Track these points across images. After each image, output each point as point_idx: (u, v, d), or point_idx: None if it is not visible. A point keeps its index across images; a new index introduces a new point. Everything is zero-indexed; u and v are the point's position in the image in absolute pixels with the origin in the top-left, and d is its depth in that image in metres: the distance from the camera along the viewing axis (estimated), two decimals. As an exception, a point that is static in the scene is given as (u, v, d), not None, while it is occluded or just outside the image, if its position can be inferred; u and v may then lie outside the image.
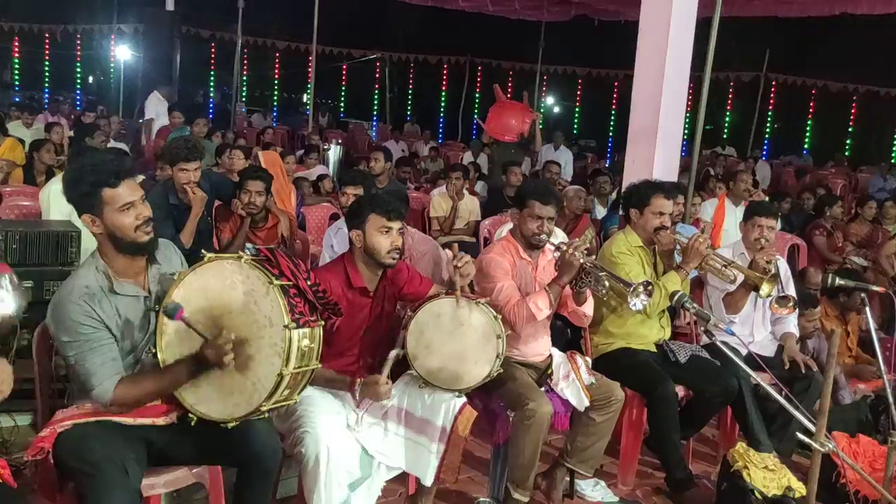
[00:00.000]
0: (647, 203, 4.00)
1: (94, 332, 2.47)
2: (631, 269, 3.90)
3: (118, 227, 2.51)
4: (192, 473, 2.70)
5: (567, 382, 3.43)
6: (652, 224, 3.99)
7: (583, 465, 3.60)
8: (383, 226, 3.08)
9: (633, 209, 4.08)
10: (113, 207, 2.50)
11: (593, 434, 3.55)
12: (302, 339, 2.49)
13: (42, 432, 2.51)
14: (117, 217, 2.51)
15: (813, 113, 20.18)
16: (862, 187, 14.02)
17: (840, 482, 3.76)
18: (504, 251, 3.62)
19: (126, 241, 2.54)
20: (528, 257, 3.65)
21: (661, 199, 3.99)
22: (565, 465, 3.62)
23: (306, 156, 9.87)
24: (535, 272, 3.67)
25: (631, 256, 3.96)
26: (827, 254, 7.30)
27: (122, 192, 2.51)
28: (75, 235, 3.91)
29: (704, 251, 3.83)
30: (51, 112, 14.06)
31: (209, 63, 23.16)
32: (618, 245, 4.02)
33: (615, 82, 21.13)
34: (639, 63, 5.57)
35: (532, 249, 3.62)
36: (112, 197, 2.49)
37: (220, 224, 4.79)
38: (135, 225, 2.52)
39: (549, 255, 3.74)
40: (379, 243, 3.08)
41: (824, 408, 2.67)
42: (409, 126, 20.73)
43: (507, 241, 3.68)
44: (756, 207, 4.55)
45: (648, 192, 4.04)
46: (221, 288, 2.51)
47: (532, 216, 3.53)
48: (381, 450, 3.05)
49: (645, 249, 4.04)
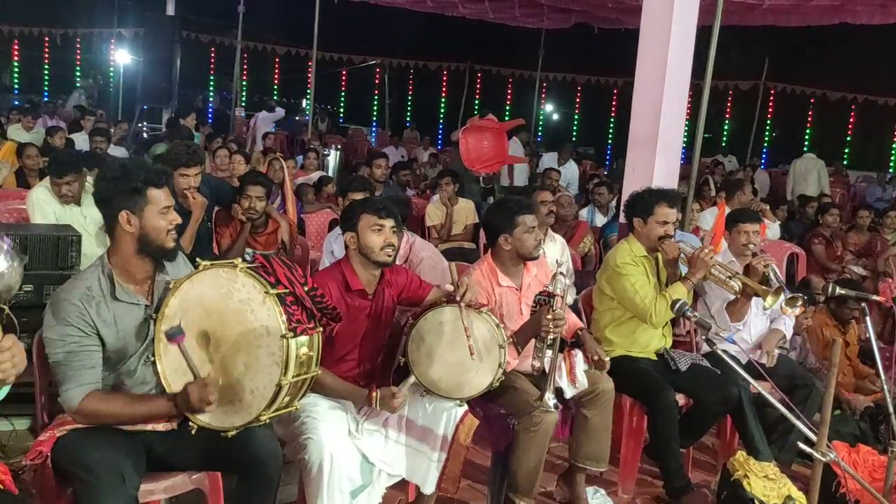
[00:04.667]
0: (651, 212, 3.97)
1: (82, 337, 2.47)
2: (636, 279, 3.88)
3: (154, 228, 2.55)
4: (192, 480, 2.69)
5: (561, 372, 3.41)
6: (656, 233, 3.96)
7: (591, 461, 3.60)
8: (375, 224, 3.10)
9: (636, 218, 4.04)
10: (155, 208, 2.55)
11: (592, 430, 3.55)
12: (300, 347, 2.48)
13: (41, 436, 2.51)
14: (156, 218, 2.56)
15: (812, 122, 20.23)
16: (859, 196, 14.04)
17: (840, 492, 3.75)
18: (482, 279, 3.56)
19: (156, 243, 2.57)
20: (510, 283, 3.61)
21: (665, 207, 3.96)
22: (578, 466, 3.62)
23: (305, 159, 9.88)
24: (520, 293, 3.62)
25: (636, 267, 3.94)
26: (826, 262, 7.30)
27: (165, 195, 2.58)
28: (76, 240, 3.90)
29: (710, 262, 3.83)
30: (48, 115, 14.05)
31: (209, 68, 23.17)
32: (622, 255, 3.99)
33: (614, 90, 21.18)
34: (639, 70, 5.57)
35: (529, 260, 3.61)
36: (157, 197, 2.56)
37: (219, 229, 4.79)
38: (167, 229, 2.58)
39: (532, 270, 3.70)
40: (372, 241, 3.10)
41: (826, 417, 2.66)
42: (409, 132, 20.75)
43: (487, 268, 3.62)
44: (738, 215, 4.57)
45: (652, 200, 4.00)
46: (218, 297, 2.51)
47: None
48: (381, 457, 3.05)
49: (648, 259, 4.02)
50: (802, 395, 4.15)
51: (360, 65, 21.68)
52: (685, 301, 3.28)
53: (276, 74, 24.20)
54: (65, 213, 4.59)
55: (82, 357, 2.47)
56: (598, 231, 7.11)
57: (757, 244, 4.35)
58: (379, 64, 22.00)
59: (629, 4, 10.21)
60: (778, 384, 3.51)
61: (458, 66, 22.01)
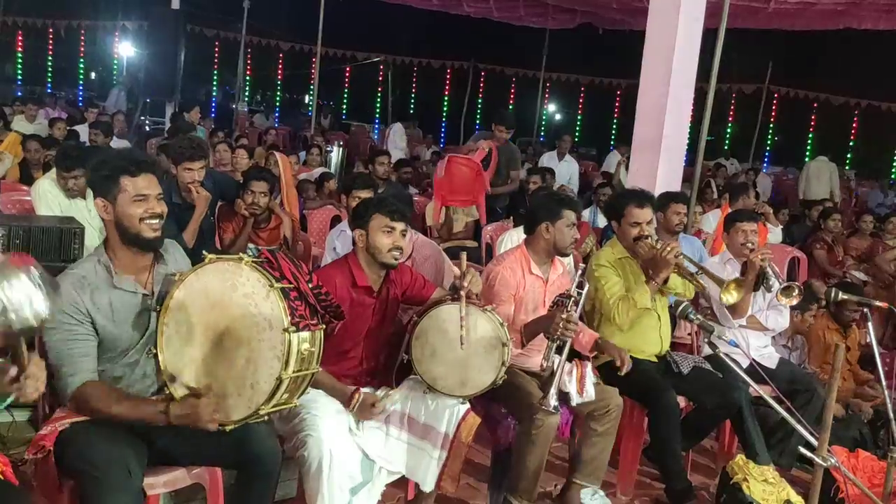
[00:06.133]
0: (622, 214, 4.00)
1: (75, 325, 2.48)
2: (607, 280, 3.90)
3: (126, 216, 2.55)
4: (192, 474, 2.69)
5: (570, 377, 3.41)
6: (630, 234, 3.96)
7: (590, 478, 3.61)
8: (387, 226, 3.12)
9: (613, 221, 4.11)
10: (127, 196, 2.55)
11: (596, 444, 3.54)
12: (302, 343, 2.48)
13: (42, 430, 2.51)
14: (129, 206, 2.55)
15: (814, 126, 20.21)
16: (861, 201, 14.04)
17: (839, 497, 3.75)
18: (515, 265, 3.62)
19: (131, 231, 2.56)
20: (539, 273, 3.65)
21: (633, 208, 3.96)
22: (574, 482, 3.61)
23: (308, 155, 9.86)
24: (546, 286, 3.67)
25: (609, 269, 3.95)
26: (827, 267, 7.30)
27: (138, 184, 2.56)
28: (79, 231, 3.89)
29: (673, 259, 3.77)
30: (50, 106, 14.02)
31: (213, 62, 23.15)
32: (598, 258, 4.04)
33: (618, 91, 21.15)
34: (644, 72, 5.57)
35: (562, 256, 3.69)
36: (131, 186, 2.55)
37: (222, 224, 4.78)
38: (141, 217, 2.55)
39: (559, 269, 3.75)
40: (381, 242, 3.11)
41: (827, 422, 2.66)
42: (412, 130, 20.72)
43: (521, 255, 3.68)
44: (736, 215, 4.60)
45: (622, 202, 4.04)
46: (222, 290, 2.51)
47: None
48: (381, 454, 3.05)
49: (630, 260, 4.02)
50: (804, 400, 4.15)
51: (364, 61, 21.65)
52: (688, 303, 3.27)
53: (280, 70, 24.18)
54: (70, 206, 4.60)
55: (75, 345, 2.48)
56: (600, 232, 7.10)
57: (755, 244, 4.35)
58: (382, 61, 21.95)
59: (634, 6, 10.20)
60: (779, 388, 3.51)
61: (461, 65, 21.98)
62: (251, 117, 19.27)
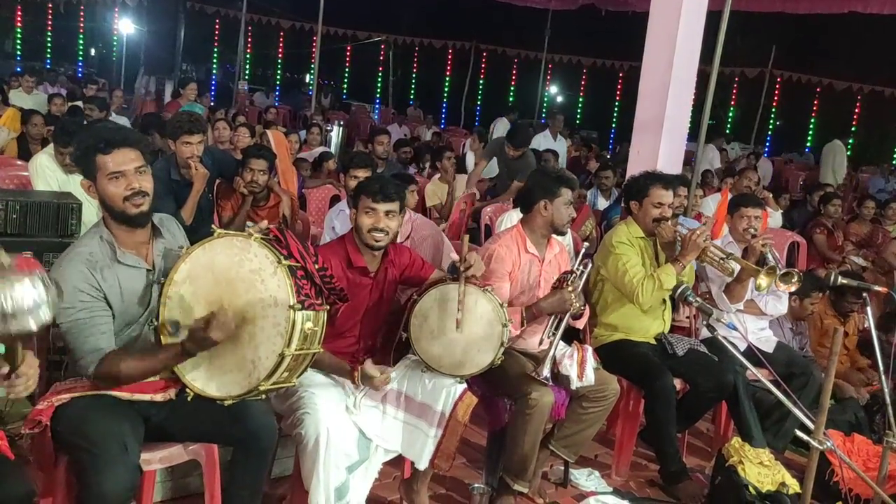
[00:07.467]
0: (646, 194, 4.00)
1: (91, 301, 2.46)
2: (629, 259, 3.89)
3: (107, 196, 2.52)
4: (188, 451, 2.69)
5: (571, 361, 3.41)
6: (651, 215, 3.98)
7: (566, 449, 3.59)
8: (368, 206, 3.11)
9: (633, 201, 4.09)
10: (103, 174, 2.50)
11: (582, 422, 3.53)
12: (306, 322, 2.47)
13: (39, 405, 2.50)
14: (106, 185, 2.51)
15: (816, 111, 20.14)
16: (862, 187, 14.02)
17: (833, 480, 3.77)
18: (511, 243, 3.61)
19: (115, 210, 2.53)
20: (535, 252, 3.65)
21: (659, 189, 3.98)
22: (548, 448, 3.60)
23: (308, 134, 9.82)
24: (542, 265, 3.66)
25: (630, 247, 3.95)
26: (827, 252, 7.29)
27: (112, 160, 2.50)
28: (76, 207, 3.88)
29: (703, 244, 3.82)
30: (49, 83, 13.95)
31: (213, 39, 23.03)
32: (618, 235, 4.01)
33: (620, 73, 21.06)
34: (647, 53, 5.53)
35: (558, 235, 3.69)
36: (103, 163, 2.50)
37: (221, 201, 4.76)
38: (123, 195, 2.50)
39: (555, 248, 3.74)
40: (362, 222, 3.11)
41: (824, 405, 2.67)
42: (412, 110, 20.65)
43: (517, 233, 3.67)
44: (740, 199, 4.59)
45: (647, 183, 4.04)
46: (229, 264, 2.50)
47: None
48: (378, 433, 3.05)
49: (646, 240, 4.03)
50: (800, 383, 4.16)
51: (365, 41, 21.54)
52: (687, 286, 3.28)
53: (281, 48, 24.06)
54: (67, 181, 4.58)
55: (94, 322, 2.45)
56: (599, 214, 7.09)
57: (758, 229, 4.35)
58: (384, 41, 21.85)
59: (636, -13, 10.14)
60: (776, 371, 3.52)
61: (463, 46, 21.88)
62: (251, 96, 19.19)
